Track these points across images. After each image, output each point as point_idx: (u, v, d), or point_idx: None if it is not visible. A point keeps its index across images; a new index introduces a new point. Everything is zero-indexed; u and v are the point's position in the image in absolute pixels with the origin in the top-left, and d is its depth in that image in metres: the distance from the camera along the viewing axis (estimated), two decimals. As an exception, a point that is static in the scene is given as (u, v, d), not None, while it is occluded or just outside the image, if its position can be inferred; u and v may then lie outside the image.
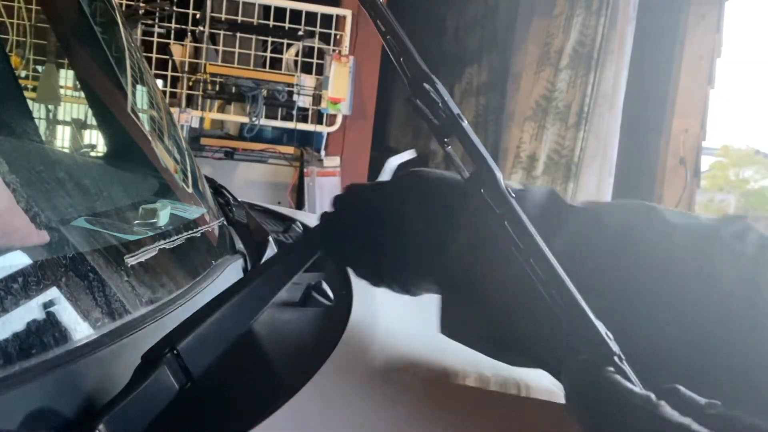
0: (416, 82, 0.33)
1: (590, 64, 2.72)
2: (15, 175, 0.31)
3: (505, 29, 3.39)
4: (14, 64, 1.28)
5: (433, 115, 0.33)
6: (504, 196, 0.32)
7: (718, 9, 2.83)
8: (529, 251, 0.31)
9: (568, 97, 2.79)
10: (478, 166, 0.32)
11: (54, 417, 0.26)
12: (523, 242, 0.31)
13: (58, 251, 0.30)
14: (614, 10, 2.68)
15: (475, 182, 0.32)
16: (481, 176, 0.32)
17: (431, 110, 0.33)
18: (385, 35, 0.34)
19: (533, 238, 0.31)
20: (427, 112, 0.33)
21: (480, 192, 0.32)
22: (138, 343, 0.33)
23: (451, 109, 0.33)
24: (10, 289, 0.26)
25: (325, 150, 2.69)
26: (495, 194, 0.32)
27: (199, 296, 0.45)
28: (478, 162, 0.32)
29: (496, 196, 0.32)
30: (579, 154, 2.78)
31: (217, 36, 2.47)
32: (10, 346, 0.25)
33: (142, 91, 0.65)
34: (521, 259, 0.31)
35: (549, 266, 0.30)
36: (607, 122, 2.73)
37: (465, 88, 3.86)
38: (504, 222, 0.31)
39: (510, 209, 0.31)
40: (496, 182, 0.32)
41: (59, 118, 1.13)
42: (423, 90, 0.33)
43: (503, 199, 0.32)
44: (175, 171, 0.62)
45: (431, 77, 0.33)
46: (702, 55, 2.84)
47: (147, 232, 0.43)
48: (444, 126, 0.33)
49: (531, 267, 0.31)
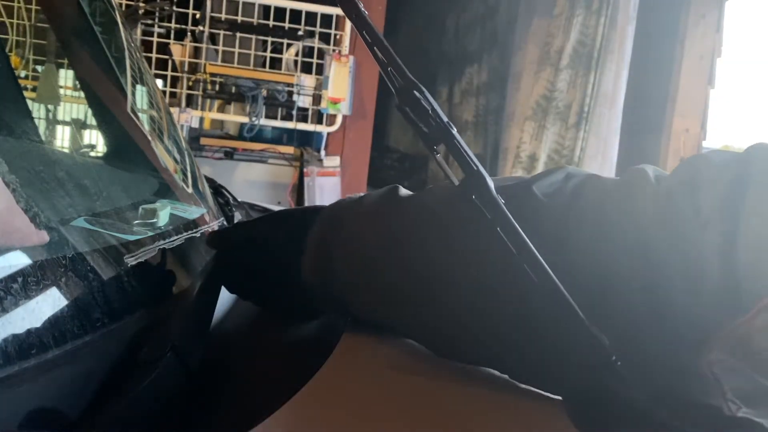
0: (405, 90, 0.34)
1: (590, 64, 2.72)
2: (15, 175, 0.31)
3: (505, 29, 3.39)
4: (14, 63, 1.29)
5: (423, 123, 0.34)
6: (495, 202, 0.32)
7: (718, 9, 2.83)
8: (522, 256, 0.31)
9: (568, 97, 2.79)
10: (468, 173, 0.33)
11: (54, 417, 0.26)
12: (516, 247, 0.31)
13: (57, 251, 0.30)
14: (614, 10, 2.68)
15: (466, 189, 0.33)
16: (472, 183, 0.33)
17: (420, 118, 0.34)
18: (372, 46, 0.34)
19: (526, 244, 0.31)
20: (416, 120, 0.34)
21: (471, 199, 0.33)
22: (138, 343, 0.33)
23: (441, 116, 0.34)
24: (10, 289, 0.26)
25: (325, 150, 2.69)
26: (486, 201, 0.32)
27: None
28: (469, 169, 0.33)
29: (488, 203, 0.32)
30: (579, 154, 2.78)
31: (217, 36, 2.47)
32: (10, 346, 0.25)
33: (141, 91, 0.65)
34: (514, 264, 0.31)
35: (542, 271, 0.30)
36: (607, 122, 2.73)
37: (465, 88, 3.86)
38: (496, 228, 0.32)
39: (502, 215, 0.32)
40: (487, 189, 0.32)
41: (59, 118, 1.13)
42: (412, 98, 0.34)
43: (495, 205, 0.32)
44: (175, 171, 0.62)
45: (419, 86, 0.34)
46: (702, 55, 2.84)
47: (147, 232, 0.43)
48: (433, 134, 0.34)
49: (524, 272, 0.31)
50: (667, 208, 0.33)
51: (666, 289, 0.32)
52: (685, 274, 0.31)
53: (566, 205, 0.36)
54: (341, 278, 0.43)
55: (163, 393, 0.30)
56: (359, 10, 0.35)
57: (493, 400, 0.38)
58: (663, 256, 0.32)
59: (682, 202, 0.32)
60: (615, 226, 0.34)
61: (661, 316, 0.32)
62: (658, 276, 0.32)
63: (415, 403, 0.36)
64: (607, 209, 0.35)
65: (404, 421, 0.33)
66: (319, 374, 0.36)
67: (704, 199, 0.32)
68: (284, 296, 0.48)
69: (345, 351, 0.41)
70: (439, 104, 0.35)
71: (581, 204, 0.36)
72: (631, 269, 0.33)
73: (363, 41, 0.35)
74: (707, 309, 0.31)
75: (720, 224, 0.31)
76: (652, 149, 3.00)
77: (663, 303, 0.32)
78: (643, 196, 0.34)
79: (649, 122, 3.01)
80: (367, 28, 0.34)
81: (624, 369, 0.29)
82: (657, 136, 2.96)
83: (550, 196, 0.37)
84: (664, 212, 0.33)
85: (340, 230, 0.44)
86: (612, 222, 0.34)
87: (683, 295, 0.31)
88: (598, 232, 0.34)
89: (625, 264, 0.33)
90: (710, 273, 0.31)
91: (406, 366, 0.41)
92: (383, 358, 0.42)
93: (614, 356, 0.29)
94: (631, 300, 0.33)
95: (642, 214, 0.33)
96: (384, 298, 0.42)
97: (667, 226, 0.32)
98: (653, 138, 2.99)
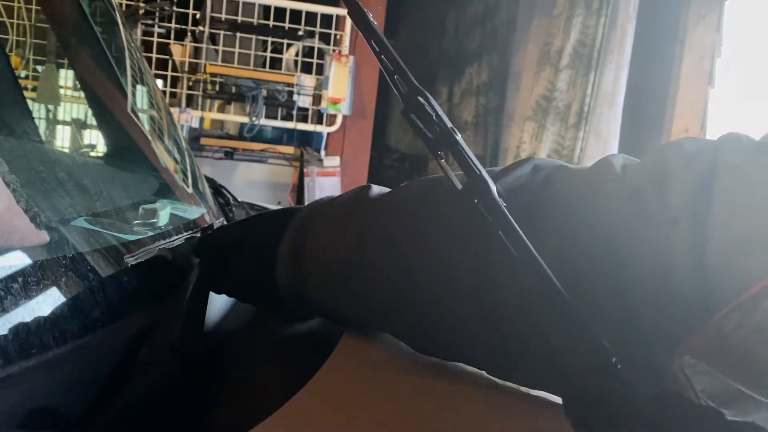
0: (410, 96, 0.35)
1: (590, 64, 2.72)
2: (15, 175, 0.31)
3: (505, 29, 3.39)
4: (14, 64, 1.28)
5: (427, 129, 0.35)
6: (498, 206, 0.33)
7: (719, 9, 2.83)
8: (523, 259, 0.31)
9: (568, 97, 2.79)
10: (471, 177, 0.33)
11: (54, 417, 0.26)
12: (518, 251, 0.32)
13: (57, 251, 0.30)
14: (614, 10, 2.68)
15: (469, 193, 0.33)
16: (474, 187, 0.33)
17: (425, 124, 0.35)
18: (380, 55, 0.35)
19: (527, 247, 0.31)
20: (421, 126, 0.34)
21: (474, 203, 0.33)
22: (139, 343, 0.33)
23: (445, 122, 0.34)
24: (10, 289, 0.26)
25: (325, 150, 2.69)
26: (489, 205, 0.33)
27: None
28: (471, 173, 0.33)
29: (490, 207, 0.33)
30: (579, 154, 2.78)
31: (217, 36, 2.47)
32: (10, 346, 0.25)
33: (142, 91, 0.65)
34: (516, 267, 0.31)
35: (543, 274, 0.31)
36: (607, 122, 2.74)
37: (465, 88, 3.86)
38: (498, 231, 0.32)
39: (504, 219, 0.32)
40: (489, 193, 0.33)
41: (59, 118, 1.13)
42: (417, 104, 0.34)
43: (497, 209, 0.32)
44: (175, 171, 0.62)
45: (425, 93, 0.35)
46: (702, 55, 2.84)
47: (147, 232, 0.43)
48: (437, 139, 0.34)
49: (525, 275, 0.31)
50: (634, 205, 0.32)
51: (636, 291, 0.31)
52: (655, 274, 0.31)
53: (531, 204, 0.36)
54: (312, 286, 0.43)
55: (163, 393, 0.30)
56: (368, 21, 0.36)
57: (493, 401, 0.38)
58: (632, 256, 0.31)
59: (651, 197, 0.32)
60: (582, 224, 0.33)
61: (633, 318, 0.32)
62: (628, 277, 0.32)
63: (415, 403, 0.36)
64: (573, 207, 0.34)
65: (404, 421, 0.33)
66: (318, 374, 0.36)
67: (673, 193, 0.31)
68: (265, 300, 0.49)
69: (345, 351, 0.41)
70: (438, 104, 0.35)
71: (547, 201, 0.36)
72: (599, 271, 0.32)
73: (371, 50, 0.36)
74: (679, 310, 0.30)
75: (689, 221, 0.30)
76: (651, 149, 2.99)
77: (633, 305, 0.32)
78: (609, 192, 0.33)
79: (648, 122, 3.01)
80: (375, 38, 0.35)
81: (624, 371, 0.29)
82: (657, 136, 2.96)
83: (514, 192, 0.36)
84: (632, 209, 0.32)
85: (307, 237, 0.43)
86: (578, 220, 0.34)
87: (654, 295, 0.31)
88: (565, 232, 0.34)
89: (594, 265, 0.32)
90: (681, 272, 0.30)
91: (406, 366, 0.41)
92: (383, 358, 0.42)
93: (614, 358, 0.29)
94: (601, 303, 0.32)
95: (608, 211, 0.33)
96: (355, 306, 0.42)
97: (634, 223, 0.32)
98: (653, 138, 2.99)
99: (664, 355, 0.31)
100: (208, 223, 0.57)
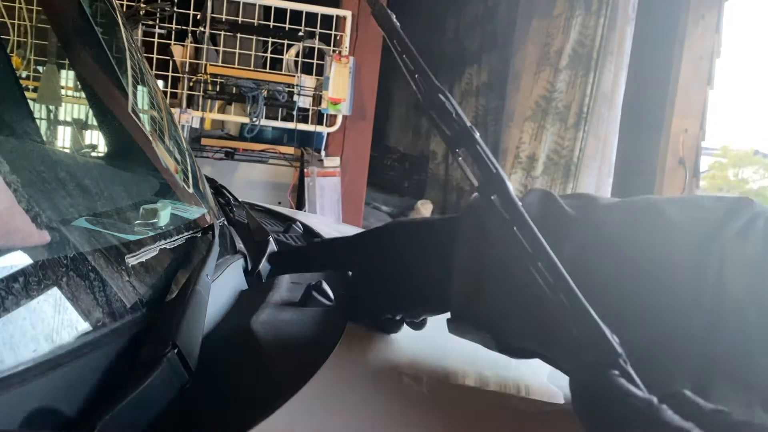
0: (430, 95, 0.36)
1: (590, 64, 2.72)
2: (16, 175, 0.31)
3: (505, 29, 3.39)
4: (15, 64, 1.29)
5: (446, 127, 0.36)
6: (513, 202, 0.33)
7: (718, 9, 2.83)
8: (537, 255, 0.32)
9: (567, 97, 2.80)
10: (487, 174, 0.34)
11: (54, 417, 0.26)
12: (532, 247, 0.32)
13: (58, 251, 0.30)
14: (614, 10, 2.68)
15: (485, 190, 0.34)
16: (491, 184, 0.34)
17: (444, 122, 0.36)
18: (401, 54, 0.37)
19: (541, 243, 0.32)
20: (440, 123, 0.36)
21: (490, 199, 0.34)
22: (139, 343, 0.33)
23: (464, 120, 0.35)
24: (11, 289, 0.26)
25: (325, 150, 2.69)
26: (505, 201, 0.33)
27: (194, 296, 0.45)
28: (488, 171, 0.34)
29: (506, 203, 0.33)
30: (578, 154, 2.78)
31: (218, 37, 2.48)
32: (11, 346, 0.25)
33: (142, 91, 0.65)
34: (530, 263, 0.32)
35: (556, 270, 0.31)
36: (606, 122, 2.74)
37: (465, 88, 3.86)
38: (513, 227, 0.33)
39: (519, 215, 0.33)
40: (506, 189, 0.34)
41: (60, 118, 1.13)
42: (437, 102, 0.35)
43: (512, 205, 0.33)
44: (175, 171, 0.62)
45: (444, 91, 0.36)
46: (702, 55, 2.84)
47: (147, 232, 0.43)
48: (456, 136, 0.35)
49: (539, 271, 0.32)
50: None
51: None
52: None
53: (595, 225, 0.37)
54: (492, 305, 0.39)
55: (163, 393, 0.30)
56: (392, 22, 0.37)
57: (494, 401, 0.38)
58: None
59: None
60: (638, 252, 0.35)
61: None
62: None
63: (415, 403, 0.36)
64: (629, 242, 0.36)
65: (404, 421, 0.33)
66: (319, 374, 0.36)
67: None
68: (417, 314, 0.46)
69: (345, 351, 0.41)
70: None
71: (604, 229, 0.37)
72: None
73: (393, 50, 0.37)
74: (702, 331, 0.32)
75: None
76: (651, 149, 3.00)
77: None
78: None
79: (648, 122, 3.02)
80: (398, 38, 0.36)
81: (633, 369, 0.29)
82: (656, 136, 2.97)
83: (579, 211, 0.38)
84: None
85: (487, 254, 0.39)
86: (634, 248, 0.35)
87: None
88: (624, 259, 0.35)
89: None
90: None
91: (406, 366, 0.41)
92: (383, 357, 0.43)
93: (623, 356, 0.29)
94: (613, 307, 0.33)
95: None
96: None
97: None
98: (652, 138, 2.99)
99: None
100: (208, 223, 0.57)
